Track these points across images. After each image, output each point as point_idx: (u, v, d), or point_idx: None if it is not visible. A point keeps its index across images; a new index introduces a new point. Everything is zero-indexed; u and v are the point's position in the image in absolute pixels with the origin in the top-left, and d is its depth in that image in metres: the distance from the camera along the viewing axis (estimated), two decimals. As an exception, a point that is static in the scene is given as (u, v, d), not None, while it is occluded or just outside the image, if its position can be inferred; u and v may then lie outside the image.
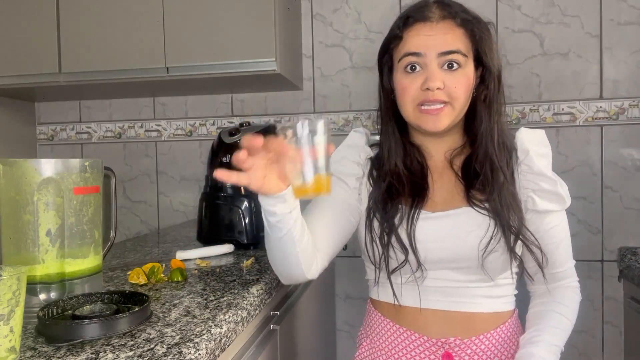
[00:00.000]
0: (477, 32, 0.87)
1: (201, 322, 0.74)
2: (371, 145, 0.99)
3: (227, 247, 1.26)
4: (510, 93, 1.85)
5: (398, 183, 0.90)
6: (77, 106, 2.20)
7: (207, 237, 1.35)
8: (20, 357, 0.63)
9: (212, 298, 0.87)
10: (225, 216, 1.32)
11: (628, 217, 1.76)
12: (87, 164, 0.82)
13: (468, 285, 0.89)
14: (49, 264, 0.78)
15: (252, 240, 1.32)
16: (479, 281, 0.89)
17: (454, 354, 0.88)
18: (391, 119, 0.94)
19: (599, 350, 1.78)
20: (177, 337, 0.68)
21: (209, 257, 1.21)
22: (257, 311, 0.91)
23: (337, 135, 1.97)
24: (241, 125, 1.78)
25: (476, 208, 0.88)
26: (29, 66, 1.80)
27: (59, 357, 0.62)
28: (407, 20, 0.88)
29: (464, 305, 0.89)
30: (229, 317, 0.78)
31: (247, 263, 1.12)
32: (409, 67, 0.87)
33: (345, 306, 1.98)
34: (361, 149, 0.96)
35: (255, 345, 0.95)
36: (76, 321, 0.67)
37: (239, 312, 0.81)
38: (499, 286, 0.91)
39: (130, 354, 0.63)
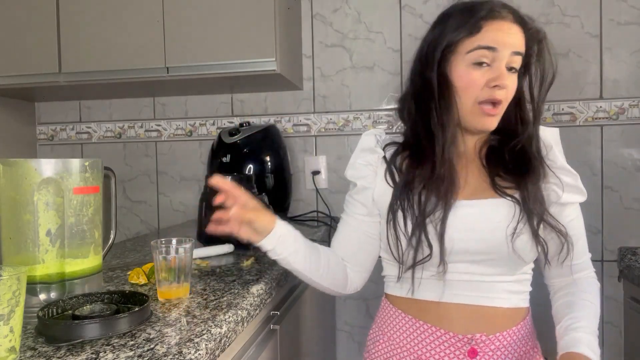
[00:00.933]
0: (537, 42, 0.91)
1: (201, 322, 0.74)
2: (387, 145, 0.97)
3: (227, 247, 1.26)
4: (510, 93, 1.84)
5: (442, 178, 0.88)
6: (77, 106, 2.21)
7: (207, 237, 1.35)
8: (20, 357, 0.63)
9: (212, 298, 0.87)
10: (225, 216, 1.32)
11: (628, 217, 1.76)
12: (87, 164, 0.82)
13: (492, 280, 0.89)
14: (49, 264, 0.78)
15: (252, 240, 1.32)
16: (502, 274, 0.89)
17: (479, 350, 0.87)
18: (451, 113, 0.88)
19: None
20: (177, 337, 0.68)
21: (209, 257, 1.21)
22: (257, 311, 0.91)
23: (337, 135, 1.98)
24: (241, 125, 1.78)
25: (507, 198, 0.88)
26: (29, 66, 1.80)
27: (59, 357, 0.62)
28: (488, 14, 0.85)
29: (488, 300, 0.88)
30: (229, 317, 0.78)
31: (247, 263, 1.12)
32: (478, 61, 0.85)
33: (345, 306, 1.98)
34: (371, 151, 0.97)
35: (255, 345, 0.95)
36: (76, 321, 0.67)
37: (239, 312, 0.81)
38: (519, 282, 0.91)
39: (130, 354, 0.63)
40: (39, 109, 2.24)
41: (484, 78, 0.85)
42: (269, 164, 1.71)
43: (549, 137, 0.96)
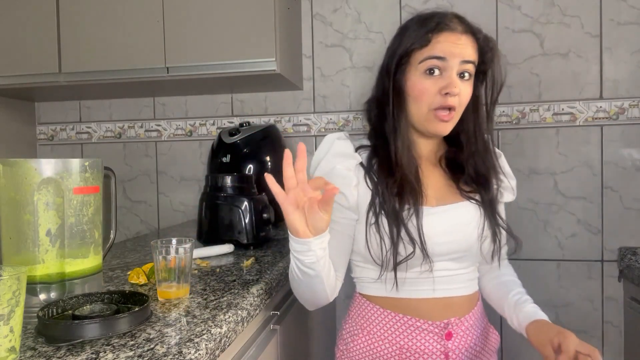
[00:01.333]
0: (488, 50, 0.97)
1: (201, 322, 0.74)
2: (358, 149, 1.01)
3: (227, 247, 1.26)
4: (510, 93, 1.85)
5: (406, 181, 0.94)
6: (77, 106, 2.21)
7: (207, 237, 1.35)
8: (20, 357, 0.63)
9: (212, 298, 0.87)
10: (225, 216, 1.32)
11: (628, 217, 1.76)
12: (87, 164, 0.82)
13: (460, 272, 0.99)
14: (49, 264, 0.78)
15: (252, 240, 1.32)
16: (467, 267, 1.00)
17: (453, 332, 0.97)
18: (405, 119, 0.95)
19: (599, 350, 1.78)
20: (177, 337, 0.68)
21: (209, 257, 1.21)
22: (257, 311, 0.91)
23: (337, 135, 1.97)
24: (241, 125, 1.78)
25: (471, 201, 0.98)
26: (29, 66, 1.80)
27: (59, 357, 0.62)
28: (437, 26, 0.93)
29: (459, 290, 0.99)
30: (229, 317, 0.78)
31: (247, 263, 1.12)
32: (428, 70, 0.91)
33: (345, 306, 1.97)
34: (350, 156, 0.98)
35: (255, 345, 0.95)
36: (76, 321, 0.67)
37: (239, 312, 0.81)
38: (474, 271, 1.03)
39: (130, 354, 0.63)
40: (39, 109, 2.24)
41: (436, 86, 0.91)
42: (269, 164, 1.71)
43: (496, 150, 1.06)
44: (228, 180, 1.35)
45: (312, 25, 1.98)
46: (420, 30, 0.94)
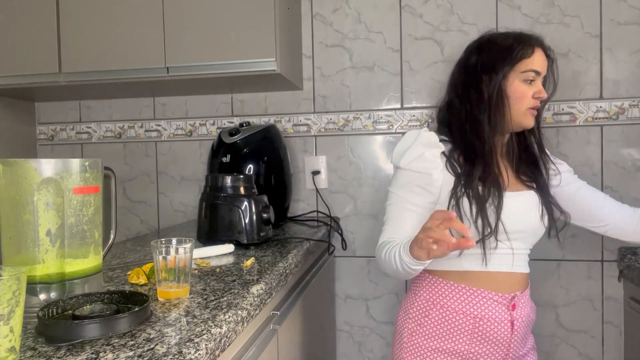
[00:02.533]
0: (551, 63, 1.20)
1: (201, 322, 0.74)
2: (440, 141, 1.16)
3: (227, 247, 1.26)
4: (510, 93, 1.84)
5: (489, 169, 1.12)
6: (77, 106, 2.21)
7: (207, 237, 1.35)
8: (20, 357, 0.63)
9: (212, 298, 0.87)
10: (225, 216, 1.32)
11: (628, 217, 1.76)
12: (87, 164, 0.82)
13: (523, 252, 1.18)
14: (49, 264, 0.78)
15: (252, 240, 1.32)
16: (527, 248, 1.19)
17: (516, 304, 1.14)
18: (500, 116, 1.13)
19: (599, 350, 1.78)
20: (177, 337, 0.68)
21: (209, 257, 1.21)
22: (257, 311, 0.91)
23: (337, 135, 1.98)
24: (241, 125, 1.78)
25: (531, 189, 1.19)
26: (29, 66, 1.80)
27: (59, 357, 0.62)
28: (535, 42, 1.15)
29: (520, 267, 1.17)
30: (229, 317, 0.78)
31: (247, 263, 1.12)
32: (528, 80, 1.13)
33: (345, 306, 1.98)
34: (436, 145, 1.13)
35: (255, 345, 0.95)
36: (76, 321, 0.67)
37: (239, 312, 0.81)
38: (528, 253, 1.21)
39: (130, 354, 0.63)
40: (39, 109, 2.24)
41: (531, 91, 1.14)
42: (269, 164, 1.71)
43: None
44: (228, 180, 1.35)
45: (312, 25, 1.98)
46: (525, 46, 1.13)
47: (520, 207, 1.14)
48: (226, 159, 1.69)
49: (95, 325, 0.67)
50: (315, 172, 1.98)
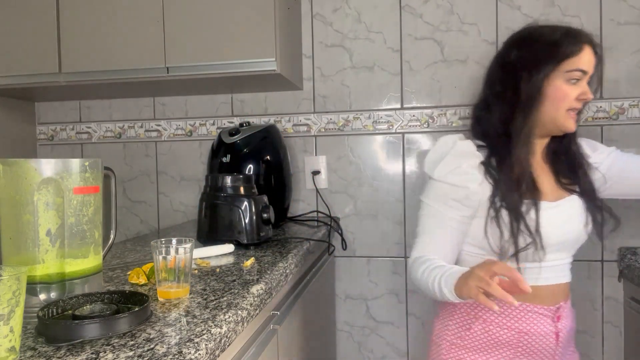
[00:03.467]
0: (598, 61, 1.08)
1: (201, 322, 0.74)
2: (477, 148, 1.09)
3: (227, 247, 1.26)
4: (510, 93, 1.85)
5: (525, 177, 1.05)
6: (77, 106, 2.21)
7: (207, 237, 1.35)
8: (20, 357, 0.63)
9: (212, 298, 0.87)
10: (225, 216, 1.32)
11: (628, 217, 1.76)
12: (87, 164, 0.82)
13: (567, 261, 1.12)
14: (49, 264, 0.78)
15: (252, 241, 1.32)
16: (570, 256, 1.13)
17: (560, 315, 1.10)
18: (536, 117, 1.05)
19: (599, 350, 1.78)
20: (177, 337, 0.68)
21: (209, 257, 1.21)
22: (257, 311, 0.91)
23: (337, 135, 1.98)
24: (241, 125, 1.78)
25: (575, 194, 1.11)
26: (29, 66, 1.80)
27: (59, 357, 0.62)
28: (584, 39, 1.04)
29: (565, 277, 1.12)
30: (229, 317, 0.78)
31: (247, 263, 1.12)
32: (573, 79, 1.04)
33: (345, 306, 1.98)
34: (473, 155, 1.07)
35: (255, 345, 0.95)
36: (76, 321, 0.67)
37: (239, 312, 0.81)
38: (572, 259, 1.15)
39: (130, 354, 0.63)
40: (39, 109, 2.24)
41: (575, 92, 1.04)
42: (269, 164, 1.71)
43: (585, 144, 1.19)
44: (228, 180, 1.35)
45: (312, 25, 1.98)
46: (572, 42, 1.03)
47: (561, 217, 1.07)
48: (226, 159, 1.69)
49: (95, 325, 0.67)
50: (315, 172, 1.98)
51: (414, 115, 1.92)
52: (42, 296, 0.78)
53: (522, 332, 1.07)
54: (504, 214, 1.03)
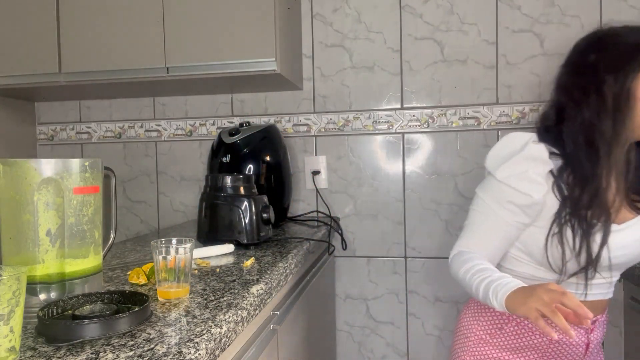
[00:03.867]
0: None
1: (201, 322, 0.74)
2: (549, 155, 1.01)
3: (227, 247, 1.26)
4: (510, 93, 1.85)
5: (600, 196, 0.97)
6: (77, 106, 2.21)
7: (207, 237, 1.35)
8: (20, 357, 0.63)
9: (212, 298, 0.87)
10: (225, 216, 1.32)
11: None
12: (87, 164, 0.82)
13: (615, 279, 1.08)
14: (49, 264, 0.78)
15: (252, 240, 1.32)
16: (619, 274, 1.08)
17: (595, 328, 1.09)
18: (628, 125, 0.95)
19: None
20: (177, 337, 0.68)
21: (209, 257, 1.21)
22: (257, 311, 0.91)
23: (337, 135, 1.98)
24: (241, 125, 1.78)
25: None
26: (29, 66, 1.80)
27: (59, 357, 0.62)
28: None
29: (608, 294, 1.09)
30: (229, 317, 0.78)
31: (247, 263, 1.12)
32: None
33: (345, 306, 1.98)
34: (544, 162, 0.99)
35: (255, 345, 0.95)
36: (76, 321, 0.67)
37: (239, 312, 0.81)
38: None
39: (130, 354, 0.63)
40: (39, 109, 2.24)
41: None
42: (269, 164, 1.71)
43: None
44: (228, 180, 1.35)
45: (312, 25, 1.98)
46: None
47: (626, 241, 1.01)
48: (226, 159, 1.69)
49: (95, 325, 0.67)
50: (315, 172, 1.98)
51: (414, 115, 1.92)
52: (42, 296, 0.78)
53: (554, 340, 1.04)
54: (568, 230, 0.98)
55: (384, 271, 1.95)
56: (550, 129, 1.04)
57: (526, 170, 0.98)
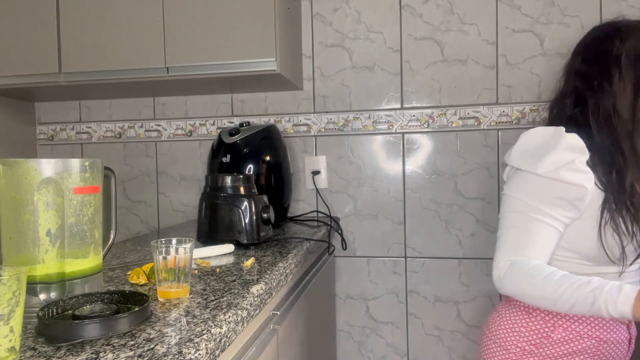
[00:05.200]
0: None
1: (201, 322, 0.74)
2: None
3: (227, 247, 1.26)
4: (510, 93, 1.85)
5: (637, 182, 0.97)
6: (77, 106, 2.21)
7: (207, 237, 1.35)
8: (20, 357, 0.63)
9: (212, 298, 0.87)
10: (225, 216, 1.32)
11: (628, 217, 1.76)
12: (87, 164, 0.82)
13: None
14: (49, 264, 0.78)
15: (252, 240, 1.32)
16: None
17: (631, 323, 1.08)
18: None
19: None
20: (177, 337, 0.68)
21: (209, 257, 1.21)
22: (257, 311, 0.91)
23: (337, 135, 1.98)
24: (241, 125, 1.78)
25: None
26: (29, 66, 1.80)
27: (59, 357, 0.62)
28: None
29: None
30: (229, 317, 0.78)
31: (247, 263, 1.12)
32: None
33: (345, 306, 1.98)
34: (583, 151, 0.96)
35: (255, 345, 0.95)
36: (76, 321, 0.67)
37: (239, 312, 0.81)
38: None
39: (130, 354, 0.63)
40: (39, 109, 2.24)
41: None
42: (269, 164, 1.71)
43: None
44: (228, 180, 1.35)
45: (312, 25, 1.98)
46: None
47: None
48: (226, 159, 1.69)
49: (95, 325, 0.67)
50: (315, 172, 1.98)
51: (414, 115, 1.92)
52: (42, 296, 0.78)
53: (602, 340, 1.02)
54: (619, 219, 0.96)
55: (384, 271, 1.95)
56: (573, 117, 1.03)
57: (572, 160, 0.94)
